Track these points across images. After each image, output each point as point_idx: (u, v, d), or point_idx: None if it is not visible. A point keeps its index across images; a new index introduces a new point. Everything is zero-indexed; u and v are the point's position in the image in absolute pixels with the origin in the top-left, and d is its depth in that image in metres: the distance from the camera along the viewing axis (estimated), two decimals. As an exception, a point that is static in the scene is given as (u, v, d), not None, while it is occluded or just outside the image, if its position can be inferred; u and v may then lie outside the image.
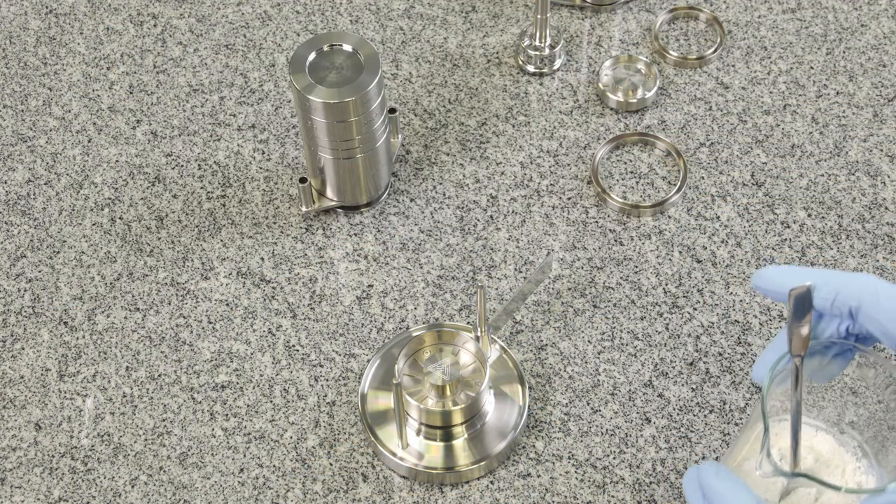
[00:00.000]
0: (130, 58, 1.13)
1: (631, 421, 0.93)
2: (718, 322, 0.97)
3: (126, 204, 1.05)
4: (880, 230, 1.01)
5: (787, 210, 1.02)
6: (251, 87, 1.11)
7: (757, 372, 0.80)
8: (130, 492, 0.92)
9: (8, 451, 0.94)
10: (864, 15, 1.14)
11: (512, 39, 1.13)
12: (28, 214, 1.04)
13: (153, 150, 1.08)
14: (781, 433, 0.79)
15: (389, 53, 1.12)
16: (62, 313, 0.99)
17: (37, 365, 0.97)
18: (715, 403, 0.94)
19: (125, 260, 1.02)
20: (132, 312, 0.99)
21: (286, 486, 0.92)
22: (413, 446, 0.92)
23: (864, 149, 1.06)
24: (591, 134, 1.07)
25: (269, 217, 1.04)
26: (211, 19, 1.15)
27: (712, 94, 1.09)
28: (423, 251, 1.02)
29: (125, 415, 0.95)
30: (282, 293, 1.00)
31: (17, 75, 1.12)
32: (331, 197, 1.02)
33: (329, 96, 0.94)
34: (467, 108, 1.09)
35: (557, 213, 1.03)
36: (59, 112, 1.10)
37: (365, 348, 0.97)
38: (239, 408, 0.95)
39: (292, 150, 1.07)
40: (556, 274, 1.00)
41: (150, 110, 1.10)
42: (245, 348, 0.97)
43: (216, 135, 1.08)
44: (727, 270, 1.00)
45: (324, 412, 0.94)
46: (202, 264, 1.01)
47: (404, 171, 1.06)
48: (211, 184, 1.06)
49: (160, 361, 0.97)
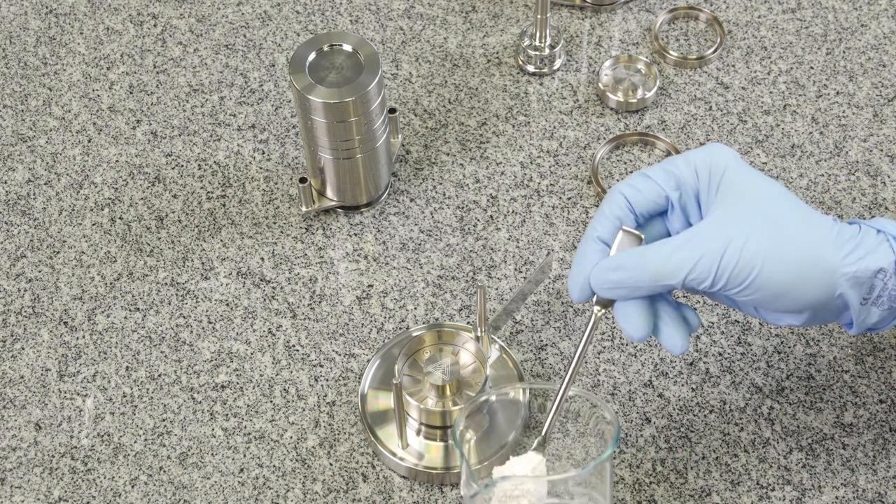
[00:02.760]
0: (130, 58, 1.13)
1: (631, 421, 0.93)
2: (718, 322, 0.97)
3: (126, 204, 1.05)
4: (880, 230, 1.01)
5: (787, 210, 1.02)
6: (251, 87, 1.11)
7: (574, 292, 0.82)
8: (130, 492, 0.92)
9: (8, 451, 0.94)
10: (864, 15, 1.14)
11: (512, 39, 1.13)
12: (28, 214, 1.04)
13: (153, 150, 1.08)
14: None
15: (389, 53, 1.12)
16: (62, 313, 0.99)
17: (37, 365, 0.97)
18: (715, 403, 0.94)
19: (125, 260, 1.02)
20: (132, 312, 0.99)
21: (286, 486, 0.92)
22: (413, 446, 0.92)
23: (864, 149, 1.06)
24: (591, 134, 1.07)
25: (269, 217, 1.04)
26: (211, 19, 1.15)
27: (712, 94, 1.09)
28: (423, 251, 1.02)
29: (125, 415, 0.95)
30: (282, 293, 1.00)
31: (17, 75, 1.12)
32: (331, 197, 1.02)
33: (329, 96, 0.94)
34: (467, 108, 1.09)
35: (557, 213, 1.03)
36: (59, 112, 1.10)
37: (365, 348, 0.97)
38: (239, 408, 0.95)
39: (292, 150, 1.07)
40: (556, 274, 1.00)
41: (150, 110, 1.10)
42: (245, 348, 0.97)
43: (216, 135, 1.08)
44: (727, 270, 1.00)
45: (324, 412, 0.95)
46: (202, 264, 1.01)
47: (404, 171, 1.06)
48: (211, 184, 1.06)
49: (160, 361, 0.97)
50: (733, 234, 0.78)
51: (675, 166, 0.82)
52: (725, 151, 0.81)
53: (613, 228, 0.81)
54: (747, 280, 0.78)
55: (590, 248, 0.81)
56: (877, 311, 0.80)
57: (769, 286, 0.78)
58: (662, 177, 0.82)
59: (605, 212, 0.82)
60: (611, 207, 0.82)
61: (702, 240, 0.78)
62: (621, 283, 0.80)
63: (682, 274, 0.78)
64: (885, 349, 0.95)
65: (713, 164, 0.80)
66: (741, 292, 0.79)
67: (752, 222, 0.78)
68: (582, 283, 0.81)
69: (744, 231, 0.78)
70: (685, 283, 0.79)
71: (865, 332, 0.86)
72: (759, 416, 0.93)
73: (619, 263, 0.80)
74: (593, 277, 0.81)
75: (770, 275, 0.77)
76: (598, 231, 0.82)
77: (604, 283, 0.80)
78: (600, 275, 0.80)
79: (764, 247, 0.77)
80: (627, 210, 0.82)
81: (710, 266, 0.78)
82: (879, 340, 0.96)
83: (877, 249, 0.79)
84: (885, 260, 0.78)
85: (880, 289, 0.79)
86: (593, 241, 0.82)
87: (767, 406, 0.93)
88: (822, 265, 0.78)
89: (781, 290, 0.78)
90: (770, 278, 0.78)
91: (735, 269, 0.77)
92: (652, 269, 0.79)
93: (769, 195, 0.80)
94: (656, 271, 0.79)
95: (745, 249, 0.77)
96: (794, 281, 0.78)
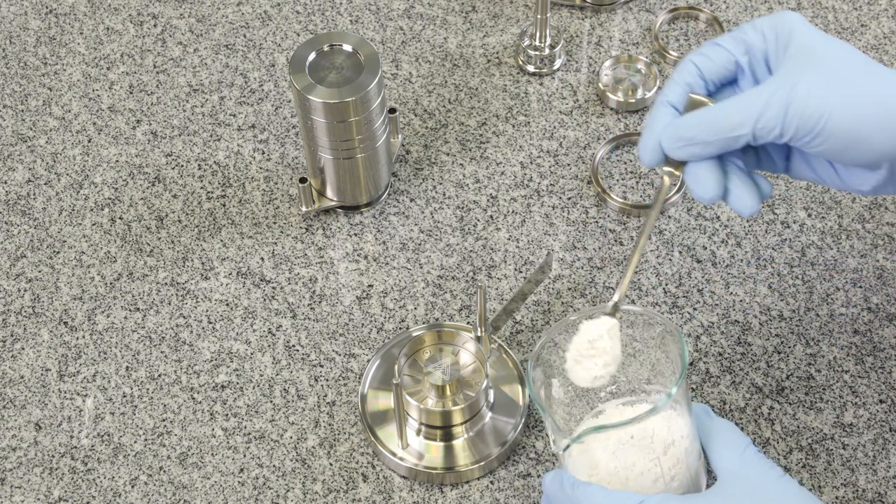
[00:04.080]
0: (130, 58, 1.13)
1: (631, 421, 0.93)
2: (718, 322, 0.97)
3: (126, 204, 1.05)
4: (880, 230, 1.01)
5: (787, 210, 1.03)
6: (251, 87, 1.11)
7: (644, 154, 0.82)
8: (130, 492, 0.92)
9: (8, 451, 0.94)
10: (864, 15, 1.14)
11: (512, 39, 1.13)
12: (28, 214, 1.04)
13: (153, 150, 1.08)
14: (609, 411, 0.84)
15: (389, 53, 1.12)
16: (62, 313, 0.99)
17: (37, 365, 0.97)
18: (715, 403, 0.94)
19: (125, 260, 1.02)
20: (132, 312, 0.99)
21: (286, 486, 0.92)
22: (413, 446, 0.92)
23: (864, 149, 1.06)
24: (591, 134, 1.07)
25: (269, 217, 1.04)
26: (211, 19, 1.15)
27: (712, 94, 1.09)
28: (423, 251, 1.02)
29: (125, 415, 0.95)
30: (282, 293, 1.00)
31: (17, 75, 1.12)
32: (331, 197, 1.02)
33: (329, 96, 0.94)
34: (467, 108, 1.09)
35: (557, 213, 1.03)
36: (59, 112, 1.10)
37: (365, 348, 0.97)
38: (239, 408, 0.95)
39: (292, 150, 1.07)
40: (556, 274, 1.00)
41: (150, 110, 1.10)
42: (245, 348, 0.97)
43: (216, 135, 1.08)
44: (727, 270, 1.00)
45: (324, 412, 0.95)
46: (202, 264, 1.01)
47: (404, 171, 1.06)
48: (211, 184, 1.06)
49: (160, 361, 0.97)
50: (799, 82, 0.77)
51: (742, 32, 0.81)
52: (793, 16, 0.81)
53: (683, 94, 0.81)
54: (818, 126, 0.77)
55: (660, 112, 0.81)
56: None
57: (840, 133, 0.76)
58: (731, 43, 0.82)
59: (676, 78, 0.82)
60: (681, 74, 0.82)
61: (770, 89, 0.78)
62: (693, 140, 0.79)
63: (751, 122, 0.77)
64: (885, 349, 0.96)
65: (780, 27, 0.80)
66: (812, 141, 0.77)
67: (821, 72, 0.77)
68: (653, 145, 0.81)
69: (813, 80, 0.77)
70: (755, 133, 0.78)
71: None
72: (759, 416, 0.93)
73: (690, 120, 0.79)
74: (665, 137, 0.80)
75: (840, 122, 0.76)
76: (669, 96, 0.81)
77: (675, 141, 0.80)
78: (672, 132, 0.80)
79: (834, 92, 0.76)
80: (698, 77, 0.82)
81: (778, 114, 0.77)
82: (879, 340, 0.96)
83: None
84: None
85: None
86: (664, 106, 0.81)
87: (767, 406, 0.94)
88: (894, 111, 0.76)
89: (855, 138, 0.76)
90: (840, 126, 0.76)
91: (803, 116, 0.76)
92: (722, 120, 0.78)
93: (839, 53, 0.79)
94: (726, 121, 0.78)
95: (813, 95, 0.76)
96: (866, 129, 0.76)
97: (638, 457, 0.80)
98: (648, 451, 0.79)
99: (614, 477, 0.80)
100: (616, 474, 0.80)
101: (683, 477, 0.81)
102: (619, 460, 0.80)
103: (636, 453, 0.79)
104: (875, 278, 0.99)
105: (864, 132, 0.76)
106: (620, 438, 0.79)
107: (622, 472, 0.80)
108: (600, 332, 0.81)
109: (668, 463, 0.80)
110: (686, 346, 0.80)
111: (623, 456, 0.80)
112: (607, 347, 0.81)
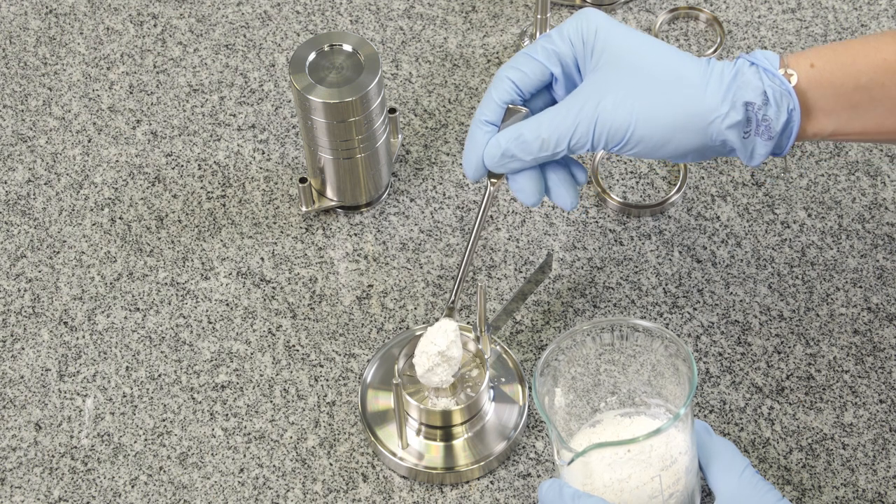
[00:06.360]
0: (130, 58, 1.13)
1: (631, 421, 0.93)
2: (718, 322, 0.97)
3: (126, 204, 1.05)
4: (880, 230, 1.01)
5: (787, 210, 1.03)
6: (251, 87, 1.11)
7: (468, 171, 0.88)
8: (130, 492, 0.92)
9: (8, 451, 0.94)
10: (864, 15, 1.14)
11: (512, 39, 1.13)
12: (28, 214, 1.04)
13: (153, 150, 1.08)
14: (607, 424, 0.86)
15: (389, 53, 1.12)
16: (62, 313, 0.99)
17: (37, 365, 0.97)
18: (715, 403, 0.94)
19: (125, 260, 1.02)
20: (132, 312, 0.99)
21: (286, 486, 0.92)
22: (413, 446, 0.92)
23: (864, 149, 1.06)
24: (591, 134, 1.07)
25: (269, 217, 1.04)
26: (211, 19, 1.15)
27: (712, 94, 1.09)
28: (423, 251, 1.02)
29: (125, 415, 0.95)
30: (282, 293, 1.00)
31: (17, 75, 1.12)
32: (331, 197, 1.02)
33: (329, 96, 0.94)
34: (467, 108, 1.09)
35: (557, 213, 1.03)
36: (59, 112, 1.10)
37: (365, 348, 0.97)
38: (239, 408, 0.95)
39: (292, 150, 1.07)
40: (556, 274, 1.00)
41: (150, 110, 1.10)
42: (245, 348, 0.97)
43: (216, 135, 1.08)
44: (727, 270, 1.00)
45: (324, 412, 0.95)
46: (202, 264, 1.01)
47: (404, 171, 1.06)
48: (211, 184, 1.06)
49: (160, 361, 0.97)
50: (605, 96, 0.82)
51: (550, 41, 0.86)
52: (595, 14, 0.85)
53: (500, 112, 0.86)
54: (625, 139, 0.82)
55: (479, 130, 0.87)
56: (762, 141, 0.82)
57: (647, 141, 0.82)
58: (543, 55, 0.86)
59: (493, 97, 0.87)
60: (498, 93, 0.86)
61: (576, 107, 0.83)
62: (512, 159, 0.85)
63: (564, 143, 0.83)
64: (885, 349, 0.96)
65: (584, 29, 0.84)
66: (623, 149, 0.83)
67: (622, 82, 0.82)
68: (476, 163, 0.87)
69: (615, 92, 0.82)
70: (570, 149, 0.84)
71: (771, 157, 0.96)
72: (759, 416, 0.93)
73: (510, 143, 0.85)
74: (486, 156, 0.86)
75: (645, 131, 0.82)
76: (486, 115, 0.87)
77: (497, 158, 0.86)
78: (493, 151, 0.86)
79: (635, 105, 0.82)
80: (515, 93, 0.86)
81: (587, 131, 0.83)
82: (879, 340, 0.96)
83: (748, 84, 0.81)
84: (753, 93, 0.81)
85: (756, 121, 0.82)
86: (482, 125, 0.87)
87: (767, 406, 0.94)
88: (695, 115, 0.82)
89: (660, 143, 0.83)
90: (646, 134, 0.82)
91: (610, 130, 0.82)
92: (535, 144, 0.84)
93: (640, 51, 0.83)
94: (542, 143, 0.84)
95: (616, 111, 0.82)
96: (670, 133, 0.82)
97: (634, 470, 0.80)
98: (646, 465, 0.80)
99: (609, 489, 0.80)
100: (611, 486, 0.80)
101: (681, 496, 0.81)
102: (615, 473, 0.80)
103: (632, 467, 0.80)
104: (875, 278, 0.99)
105: (668, 136, 0.82)
106: (618, 451, 0.80)
107: (617, 485, 0.80)
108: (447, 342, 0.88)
109: (669, 480, 0.80)
110: (696, 370, 0.81)
111: (619, 469, 0.80)
112: (454, 354, 0.88)
